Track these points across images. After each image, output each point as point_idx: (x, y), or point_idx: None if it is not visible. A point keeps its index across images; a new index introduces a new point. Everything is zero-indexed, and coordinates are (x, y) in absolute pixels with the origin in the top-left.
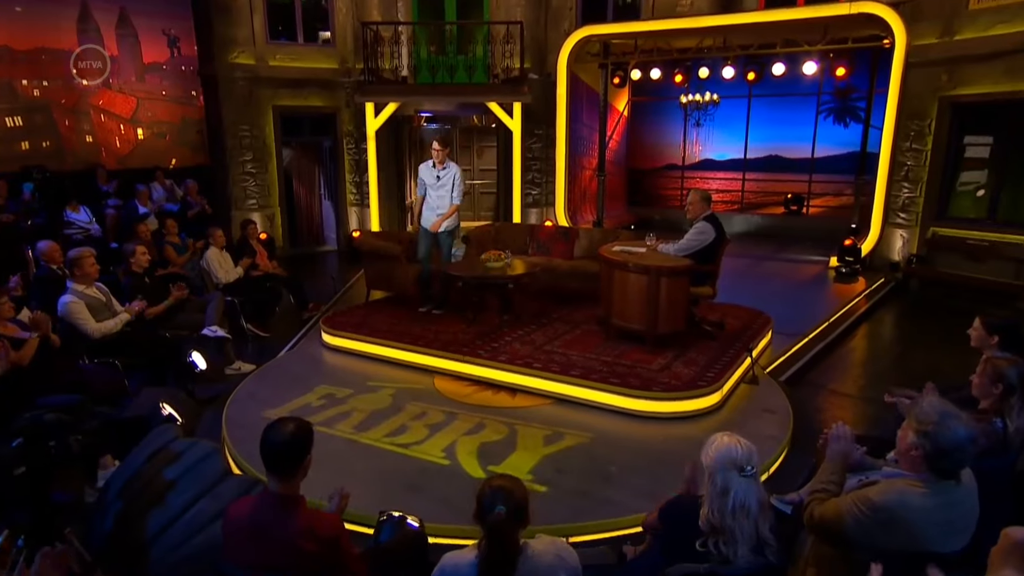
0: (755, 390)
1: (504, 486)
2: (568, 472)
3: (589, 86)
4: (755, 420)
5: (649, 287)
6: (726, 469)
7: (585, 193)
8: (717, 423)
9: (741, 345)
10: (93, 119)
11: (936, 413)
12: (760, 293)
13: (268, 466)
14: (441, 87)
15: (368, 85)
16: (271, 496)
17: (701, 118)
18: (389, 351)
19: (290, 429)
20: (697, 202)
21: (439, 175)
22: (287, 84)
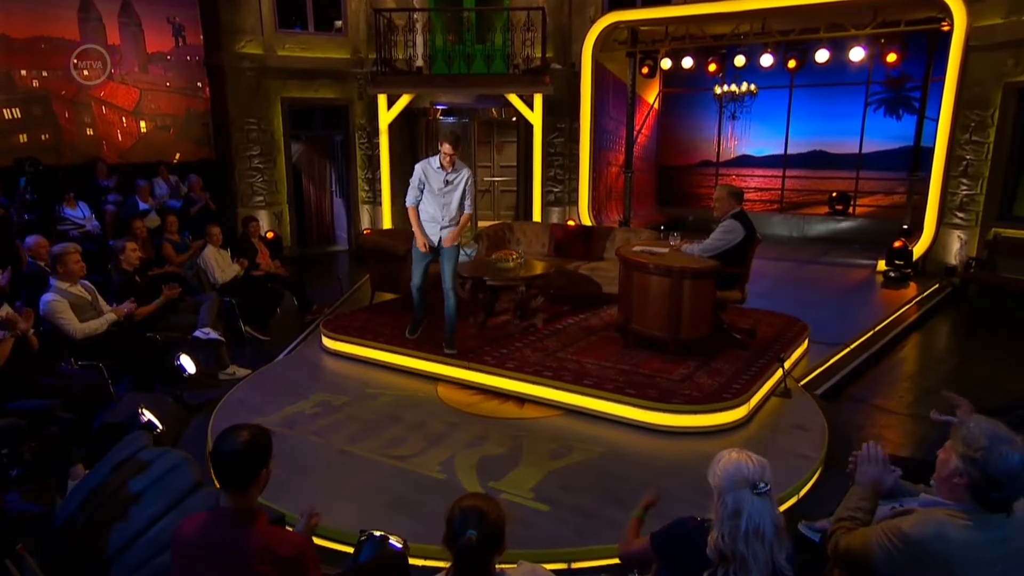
0: (787, 404)
1: (476, 507)
2: (575, 490)
3: (616, 76)
4: (785, 437)
5: (671, 290)
6: (737, 488)
7: (611, 191)
8: (743, 439)
9: (773, 355)
10: (94, 111)
11: (986, 436)
12: (799, 299)
13: (218, 479)
14: (457, 78)
15: (381, 76)
16: (224, 512)
17: (737, 110)
18: (391, 357)
19: (244, 438)
20: (724, 198)
21: (448, 178)
22: (296, 75)
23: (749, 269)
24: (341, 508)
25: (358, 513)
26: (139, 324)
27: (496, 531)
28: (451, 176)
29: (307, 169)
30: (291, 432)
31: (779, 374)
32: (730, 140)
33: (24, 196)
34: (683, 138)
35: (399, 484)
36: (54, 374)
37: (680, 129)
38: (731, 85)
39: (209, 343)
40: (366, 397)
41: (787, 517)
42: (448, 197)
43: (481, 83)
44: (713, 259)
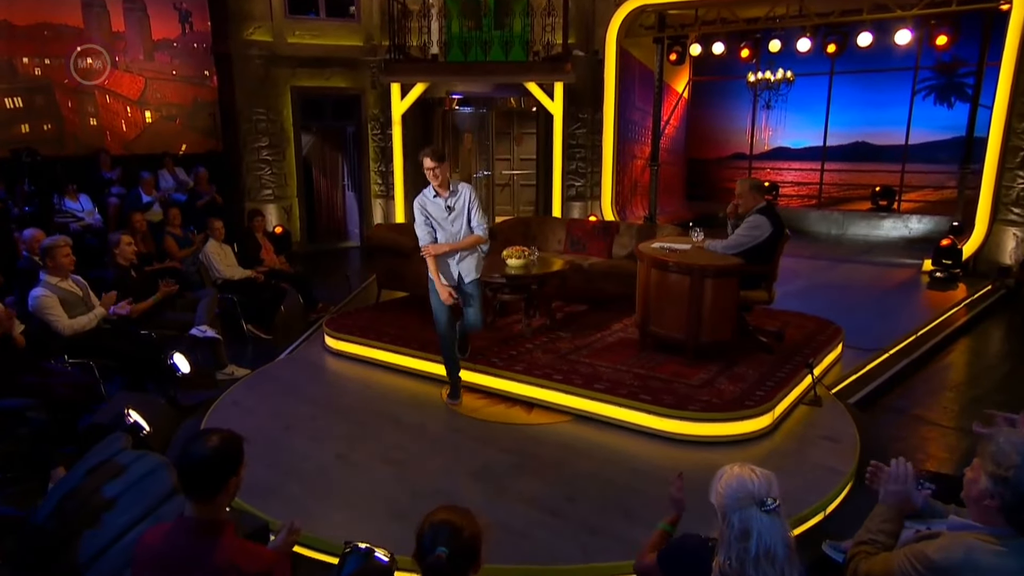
0: (816, 413)
1: (448, 521)
2: (581, 502)
3: (642, 64)
4: (812, 448)
5: (692, 290)
6: (743, 507)
7: (636, 186)
8: (766, 450)
9: (801, 360)
10: (98, 100)
11: (1018, 453)
12: (835, 301)
13: (183, 486)
14: (474, 65)
15: (394, 64)
16: (188, 522)
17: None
18: (395, 358)
19: (213, 443)
20: (747, 193)
21: (449, 204)
22: (307, 63)
23: (777, 267)
24: (330, 516)
25: (347, 522)
26: (133, 321)
27: (470, 548)
28: (451, 200)
29: (318, 161)
30: (286, 435)
31: (808, 381)
32: (764, 131)
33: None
34: (714, 129)
35: (394, 491)
36: (39, 372)
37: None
38: (765, 72)
39: (206, 341)
40: (367, 399)
41: (812, 536)
42: (456, 225)
43: (499, 71)
44: (738, 257)
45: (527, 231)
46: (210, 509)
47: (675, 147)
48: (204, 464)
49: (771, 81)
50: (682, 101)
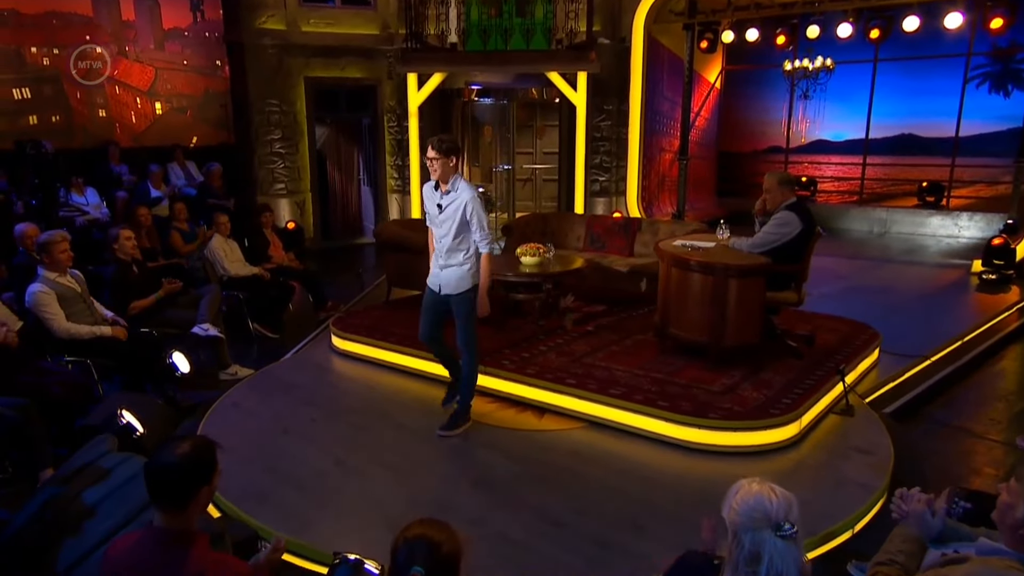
0: (847, 423)
1: (425, 537)
2: (590, 514)
3: (672, 52)
4: (842, 461)
5: (715, 290)
6: (756, 528)
7: (664, 181)
8: (791, 462)
9: (833, 366)
10: (107, 91)
11: None
12: (875, 303)
13: (151, 495)
14: (493, 55)
15: (411, 53)
16: (156, 533)
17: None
18: (402, 358)
19: (182, 451)
20: (775, 187)
21: (440, 202)
22: (321, 52)
23: (807, 267)
24: (324, 524)
25: (341, 531)
26: (133, 319)
27: (448, 567)
28: (444, 199)
29: (332, 155)
30: (284, 438)
31: (839, 388)
32: (802, 123)
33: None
34: (748, 121)
35: (391, 499)
36: (34, 371)
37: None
38: (803, 60)
39: (208, 340)
40: (370, 402)
41: (837, 555)
42: (444, 228)
43: (519, 60)
44: (765, 256)
45: (545, 228)
46: (180, 519)
47: (706, 140)
48: (173, 472)
49: (809, 70)
50: (714, 91)
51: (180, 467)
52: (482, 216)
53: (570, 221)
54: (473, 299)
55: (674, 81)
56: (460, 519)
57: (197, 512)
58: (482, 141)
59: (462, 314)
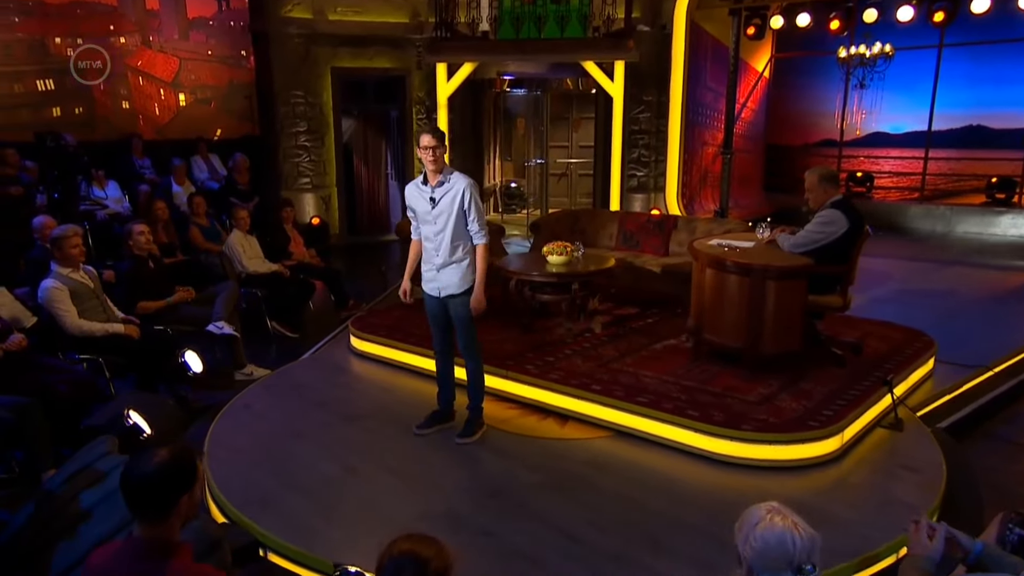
0: (895, 438)
1: (414, 553)
2: (608, 528)
3: (716, 39)
4: (887, 479)
5: (752, 293)
6: (775, 569)
7: (706, 176)
8: (831, 479)
9: (881, 376)
10: (131, 82)
11: None
12: (934, 309)
13: (128, 505)
14: (526, 43)
15: (440, 42)
16: (136, 544)
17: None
18: (420, 360)
19: (160, 459)
20: (816, 185)
21: (433, 196)
22: (348, 42)
23: (854, 269)
24: (329, 533)
25: (346, 540)
26: (145, 317)
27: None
28: (437, 193)
29: (359, 148)
30: (295, 442)
31: (887, 400)
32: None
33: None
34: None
35: (401, 509)
36: (41, 368)
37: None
38: (860, 46)
39: (223, 339)
40: (386, 405)
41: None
42: (438, 224)
43: (554, 49)
44: (806, 255)
45: (575, 225)
46: (160, 530)
47: (753, 133)
48: (150, 482)
49: (866, 56)
50: (762, 81)
51: (158, 476)
52: (479, 205)
53: (602, 218)
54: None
55: (718, 70)
56: (471, 531)
57: (179, 522)
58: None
59: (463, 316)
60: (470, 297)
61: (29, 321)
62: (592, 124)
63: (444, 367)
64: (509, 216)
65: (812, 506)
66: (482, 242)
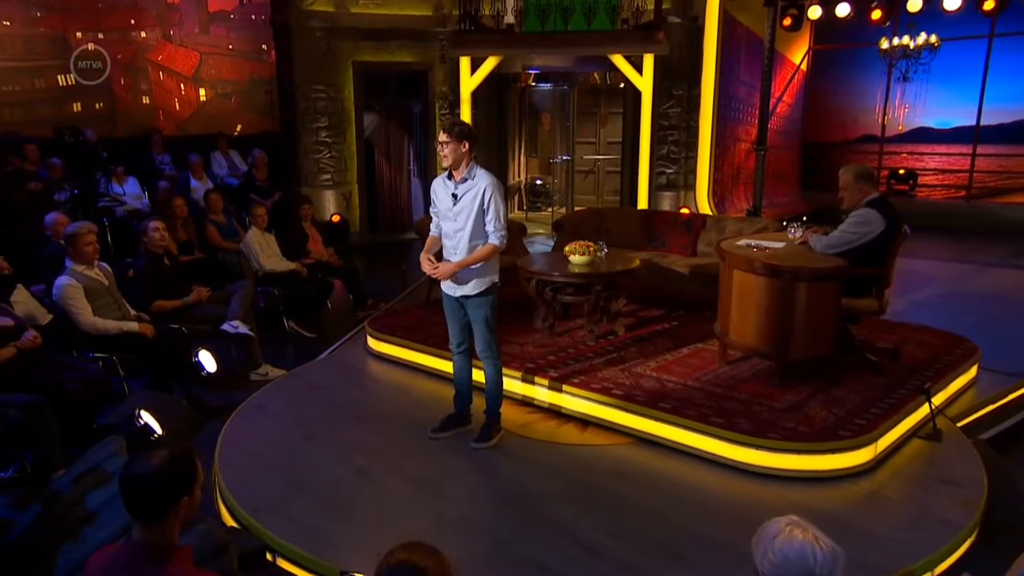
0: (934, 450)
1: (411, 564)
2: (626, 538)
3: (750, 31)
4: (923, 493)
5: (781, 295)
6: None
7: (739, 173)
8: (863, 491)
9: (919, 384)
10: (151, 77)
11: None
12: (980, 313)
13: (127, 507)
14: (553, 36)
15: (463, 35)
16: (134, 547)
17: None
18: (438, 362)
19: (159, 460)
20: (851, 184)
21: (456, 192)
22: (371, 35)
23: (891, 271)
24: (337, 539)
25: (355, 547)
26: (160, 315)
27: None
28: (460, 189)
29: (381, 144)
30: (307, 445)
31: (925, 410)
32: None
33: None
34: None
35: (413, 515)
36: (53, 365)
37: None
38: (903, 37)
39: (239, 338)
40: (402, 408)
41: None
42: (459, 221)
43: (581, 42)
44: (839, 256)
45: (600, 224)
46: (158, 533)
47: (789, 128)
48: (148, 483)
49: (910, 48)
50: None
51: (156, 478)
52: (500, 206)
53: (627, 217)
54: (493, 301)
55: (752, 63)
56: (485, 538)
57: (178, 525)
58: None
59: (480, 319)
60: (487, 298)
61: (44, 318)
62: (620, 120)
63: (461, 368)
64: (534, 214)
65: (842, 520)
66: (496, 242)
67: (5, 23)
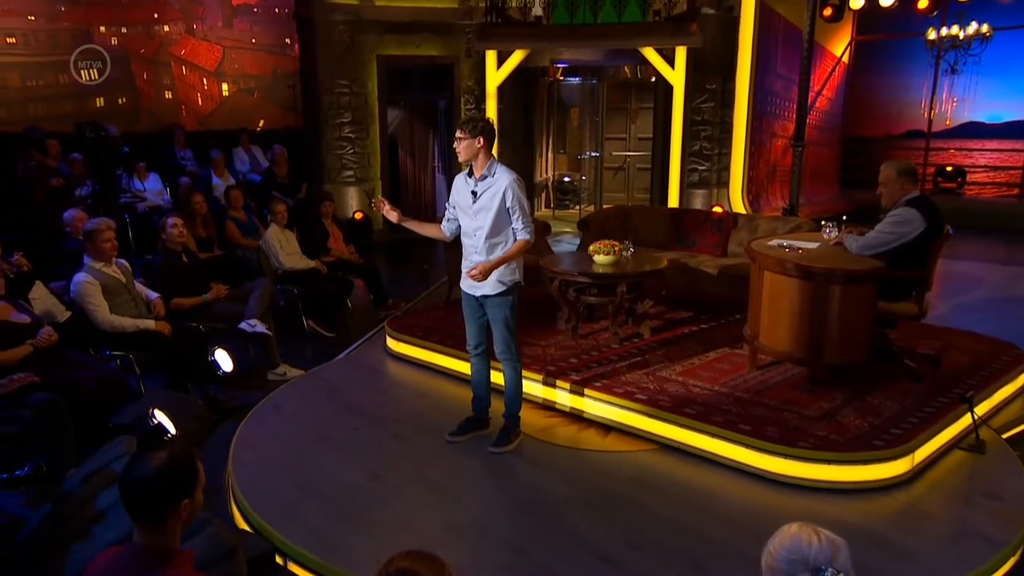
0: (976, 462)
1: (410, 572)
2: (646, 548)
3: (788, 22)
4: (964, 507)
5: (814, 298)
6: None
7: (775, 170)
8: (899, 504)
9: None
10: (174, 71)
11: None
12: None
13: (126, 509)
14: (581, 28)
15: (490, 28)
16: (134, 549)
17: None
18: (457, 364)
19: (159, 462)
20: (893, 180)
21: (475, 188)
22: (395, 29)
23: (932, 274)
24: (349, 545)
25: (366, 554)
26: (177, 313)
27: None
28: (479, 187)
29: (405, 140)
30: (321, 447)
31: (968, 420)
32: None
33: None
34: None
35: (427, 522)
36: (69, 363)
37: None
38: (952, 27)
39: (256, 337)
40: (419, 410)
41: None
42: (479, 220)
43: (610, 35)
44: (876, 258)
45: (626, 223)
46: (158, 535)
47: (829, 123)
48: (147, 485)
49: (959, 38)
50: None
51: (156, 479)
52: (523, 201)
53: (656, 215)
54: (513, 302)
55: (790, 56)
56: (500, 546)
57: (179, 527)
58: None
59: (500, 319)
60: (507, 298)
61: (63, 315)
62: (651, 115)
63: (479, 370)
64: (561, 212)
65: (876, 534)
66: (526, 237)
67: (30, 18)
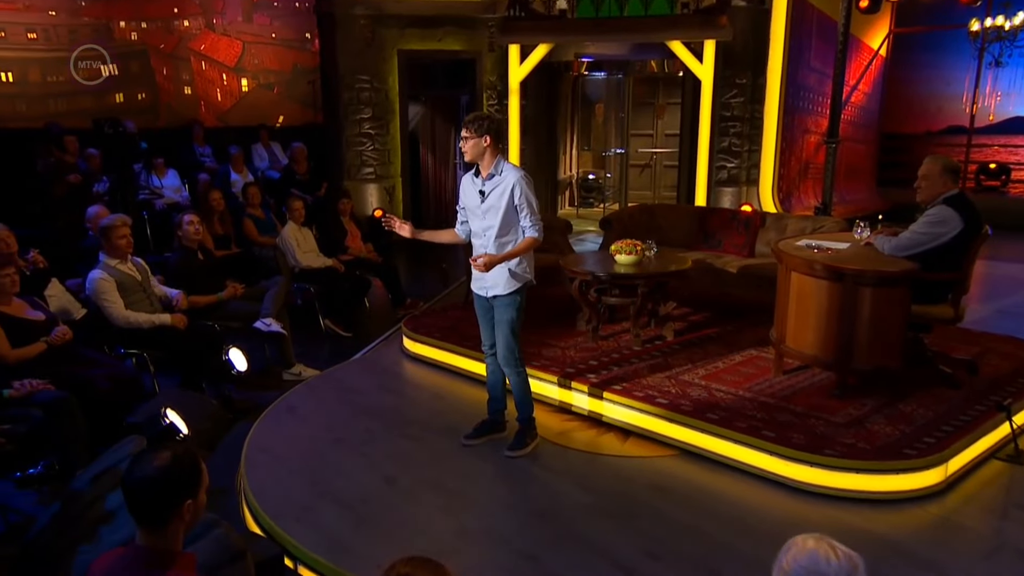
0: (1014, 473)
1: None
2: (665, 558)
3: (822, 13)
4: (1000, 521)
5: (843, 300)
6: None
7: (807, 168)
8: (931, 516)
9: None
10: (193, 67)
11: None
12: None
13: (129, 510)
14: (607, 22)
15: (513, 21)
16: (136, 551)
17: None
18: (475, 365)
19: (161, 462)
20: (935, 175)
21: (483, 188)
22: (417, 22)
23: (969, 276)
24: (359, 550)
25: (376, 559)
26: (192, 311)
27: None
28: (487, 186)
29: (426, 136)
30: (335, 449)
31: (1006, 429)
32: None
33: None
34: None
35: (440, 526)
36: (82, 361)
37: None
38: (996, 18)
39: (271, 336)
40: (435, 413)
41: None
42: (488, 219)
43: (637, 28)
44: (909, 259)
45: (650, 222)
46: (161, 537)
47: (864, 119)
48: (150, 486)
49: (1004, 29)
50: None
51: (157, 481)
52: (532, 199)
53: (681, 214)
54: (521, 303)
55: (825, 49)
56: (513, 553)
57: (182, 529)
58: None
59: (505, 321)
60: (516, 299)
61: (78, 313)
62: (678, 110)
63: (494, 371)
64: (585, 210)
65: (906, 548)
66: (534, 235)
67: (51, 13)
